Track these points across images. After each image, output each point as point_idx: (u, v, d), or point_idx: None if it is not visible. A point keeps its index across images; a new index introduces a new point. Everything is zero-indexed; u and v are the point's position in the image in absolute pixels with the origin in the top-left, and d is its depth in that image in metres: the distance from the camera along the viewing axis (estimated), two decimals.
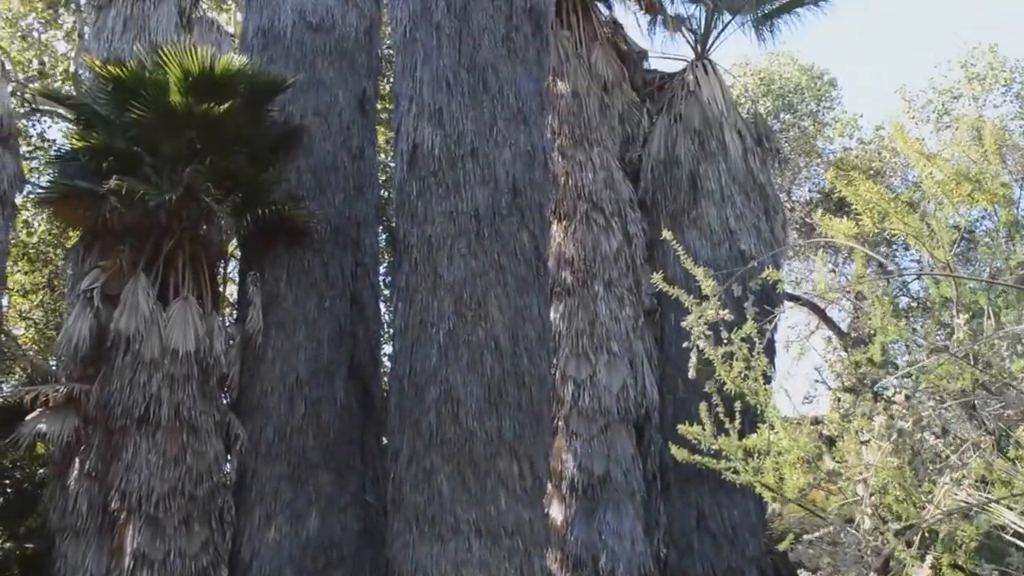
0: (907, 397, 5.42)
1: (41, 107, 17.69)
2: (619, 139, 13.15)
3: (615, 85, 13.15)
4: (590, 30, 13.36)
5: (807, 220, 20.27)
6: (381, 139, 15.53)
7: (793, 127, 20.44)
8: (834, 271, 19.62)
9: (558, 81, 12.55)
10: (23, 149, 16.24)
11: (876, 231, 7.25)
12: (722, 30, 14.17)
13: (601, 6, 14.22)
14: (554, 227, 12.16)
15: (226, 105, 10.03)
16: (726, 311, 5.59)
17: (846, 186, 6.79)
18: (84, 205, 10.40)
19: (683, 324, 5.77)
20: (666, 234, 6.92)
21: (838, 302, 17.94)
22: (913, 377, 5.60)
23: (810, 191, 21.43)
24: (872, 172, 19.38)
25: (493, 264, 9.04)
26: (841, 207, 16.03)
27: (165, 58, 10.09)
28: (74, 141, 10.93)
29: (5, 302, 14.26)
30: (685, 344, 5.80)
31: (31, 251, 17.33)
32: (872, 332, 5.97)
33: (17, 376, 15.68)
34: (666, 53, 14.75)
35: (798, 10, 14.58)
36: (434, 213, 9.23)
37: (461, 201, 9.11)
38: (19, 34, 19.02)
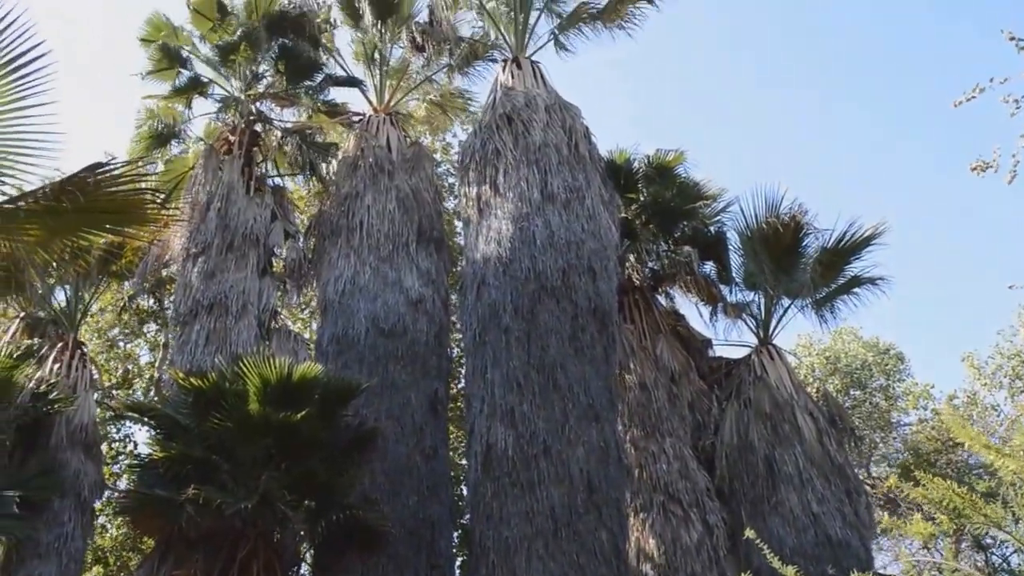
0: None
1: (125, 413, 18.31)
2: (690, 427, 13.10)
3: (682, 374, 13.28)
4: (653, 322, 13.69)
5: (890, 495, 19.59)
6: (452, 437, 15.65)
7: (864, 403, 20.23)
8: (927, 547, 18.70)
9: (625, 374, 12.72)
10: (105, 451, 16.72)
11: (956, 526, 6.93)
12: (782, 315, 14.39)
13: (662, 299, 14.66)
14: (632, 520, 11.89)
15: (303, 412, 10.25)
16: None
17: (913, 488, 6.55)
18: (161, 513, 10.44)
19: None
20: (749, 533, 6.73)
21: None
22: None
23: (889, 466, 20.85)
24: (951, 443, 18.91)
25: (572, 565, 8.84)
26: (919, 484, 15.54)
27: (245, 368, 10.45)
28: (155, 452, 11.17)
29: None
30: None
31: (107, 555, 17.35)
32: None
33: None
34: (729, 340, 14.92)
35: (856, 290, 14.79)
36: (510, 514, 9.15)
37: (537, 501, 9.05)
38: (107, 343, 20.00)
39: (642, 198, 14.89)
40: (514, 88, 12.55)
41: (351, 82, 15.68)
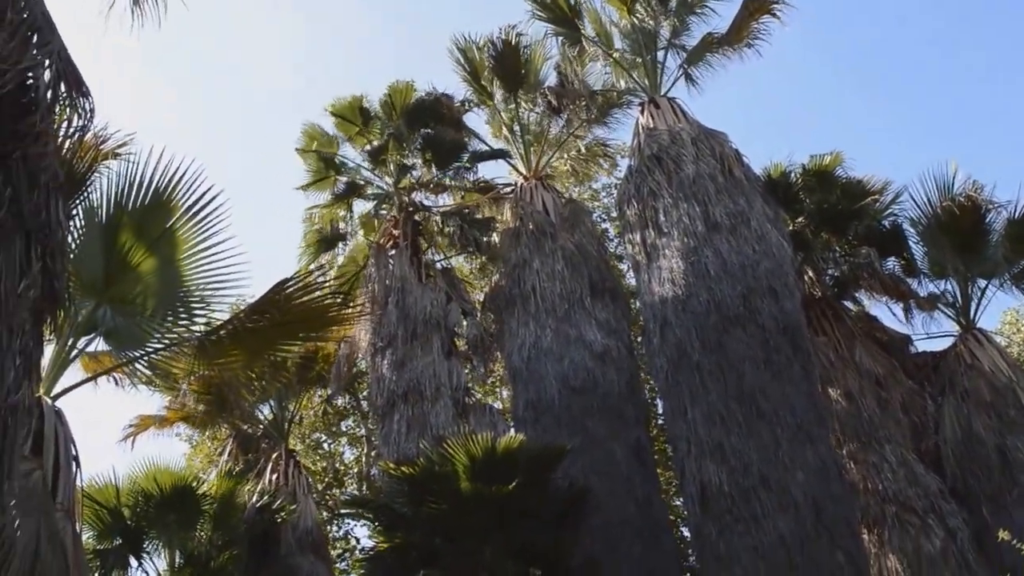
0: None
1: (341, 511, 19.02)
2: (908, 430, 12.48)
3: (887, 377, 12.72)
4: (846, 330, 13.22)
5: None
6: (661, 479, 15.47)
7: None
8: None
9: (828, 388, 12.30)
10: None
11: None
12: (980, 297, 13.61)
13: (849, 304, 14.15)
14: (866, 538, 11.38)
15: (513, 483, 10.36)
16: None
17: None
18: None
19: None
20: (1003, 534, 6.35)
21: None
22: None
23: None
24: None
25: None
26: None
27: (450, 449, 10.67)
28: (379, 543, 11.52)
29: None
30: None
31: None
32: None
33: None
34: (929, 332, 14.15)
35: None
36: (738, 550, 8.98)
37: (764, 534, 8.84)
38: (310, 446, 20.86)
39: (807, 208, 14.53)
40: (656, 128, 12.56)
41: (497, 154, 16.02)
